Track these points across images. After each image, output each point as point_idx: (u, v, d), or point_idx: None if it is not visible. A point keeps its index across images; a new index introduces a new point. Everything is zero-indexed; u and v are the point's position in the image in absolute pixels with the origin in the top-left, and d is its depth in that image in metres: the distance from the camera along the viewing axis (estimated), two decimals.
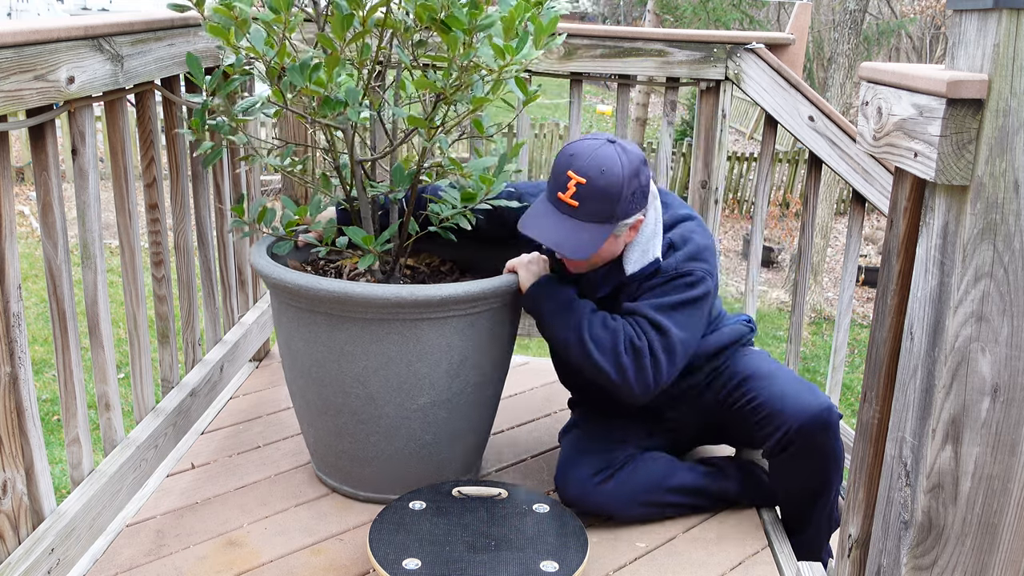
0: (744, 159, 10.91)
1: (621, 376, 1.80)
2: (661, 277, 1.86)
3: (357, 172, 1.95)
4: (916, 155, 1.13)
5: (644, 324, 1.82)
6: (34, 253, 6.66)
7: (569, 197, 1.76)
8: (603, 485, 1.97)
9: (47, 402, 4.37)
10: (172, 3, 1.81)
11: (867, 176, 2.41)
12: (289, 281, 1.81)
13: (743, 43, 2.50)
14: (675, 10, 10.39)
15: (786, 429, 1.86)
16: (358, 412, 1.91)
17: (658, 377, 1.81)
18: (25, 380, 1.47)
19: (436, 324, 1.83)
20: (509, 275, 1.91)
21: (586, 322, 1.83)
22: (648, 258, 1.87)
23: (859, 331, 7.44)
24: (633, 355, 1.80)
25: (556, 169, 1.80)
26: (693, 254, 1.87)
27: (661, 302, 1.83)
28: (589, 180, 1.74)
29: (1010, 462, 1.17)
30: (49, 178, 1.56)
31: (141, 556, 1.83)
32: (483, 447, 2.18)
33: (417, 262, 2.19)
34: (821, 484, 1.94)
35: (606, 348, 1.80)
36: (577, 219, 1.77)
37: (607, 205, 1.76)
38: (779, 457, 1.92)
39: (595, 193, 1.75)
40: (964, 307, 1.12)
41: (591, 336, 1.81)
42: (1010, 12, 1.02)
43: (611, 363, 1.80)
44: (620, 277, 1.90)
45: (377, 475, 2.00)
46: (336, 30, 1.68)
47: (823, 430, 1.85)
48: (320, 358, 1.88)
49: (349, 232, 1.86)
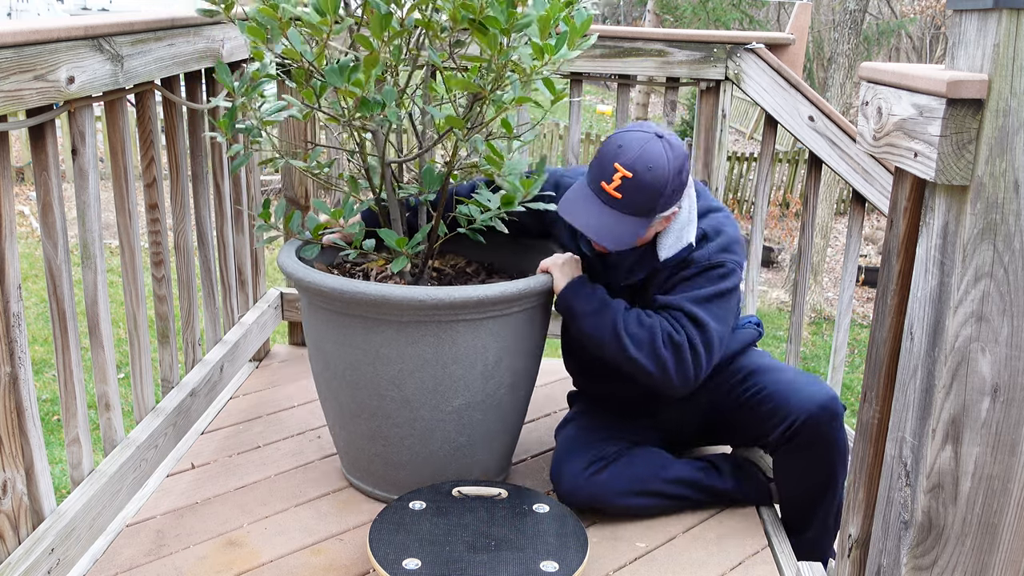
0: (744, 159, 10.91)
1: (661, 371, 1.82)
2: (694, 268, 1.87)
3: (387, 174, 1.95)
4: (916, 155, 1.13)
5: (681, 318, 1.84)
6: (34, 253, 6.67)
7: (613, 189, 1.78)
8: (596, 476, 1.97)
9: (47, 402, 4.37)
10: (201, 8, 1.81)
11: (867, 176, 2.41)
12: (325, 285, 1.80)
13: (743, 43, 2.50)
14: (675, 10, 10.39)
15: (793, 419, 1.86)
16: (392, 415, 1.90)
17: (698, 370, 1.84)
18: (25, 380, 1.48)
19: (471, 326, 1.83)
20: (543, 275, 1.92)
21: (621, 320, 1.84)
22: (682, 244, 1.89)
23: (859, 331, 7.44)
24: (673, 350, 1.82)
25: (602, 158, 1.81)
26: (725, 245, 1.89)
27: (696, 295, 1.85)
28: (636, 175, 1.75)
29: (1010, 462, 1.17)
30: (49, 178, 1.56)
31: (141, 556, 1.83)
32: (514, 447, 2.18)
33: (442, 264, 2.19)
34: (826, 478, 1.94)
35: (644, 344, 1.82)
36: (617, 211, 1.78)
37: (650, 201, 1.78)
38: (784, 448, 1.92)
39: (640, 188, 1.76)
40: (964, 307, 1.12)
41: (628, 333, 1.83)
42: (1010, 12, 1.02)
43: (650, 359, 1.82)
44: (654, 263, 1.91)
45: (411, 478, 1.98)
46: (375, 30, 1.67)
47: (830, 420, 1.86)
48: (354, 361, 1.87)
49: (382, 234, 1.86)
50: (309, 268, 1.88)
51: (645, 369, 1.83)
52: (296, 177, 2.76)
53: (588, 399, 2.23)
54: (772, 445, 1.95)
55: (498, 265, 2.24)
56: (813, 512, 2.01)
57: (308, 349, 2.04)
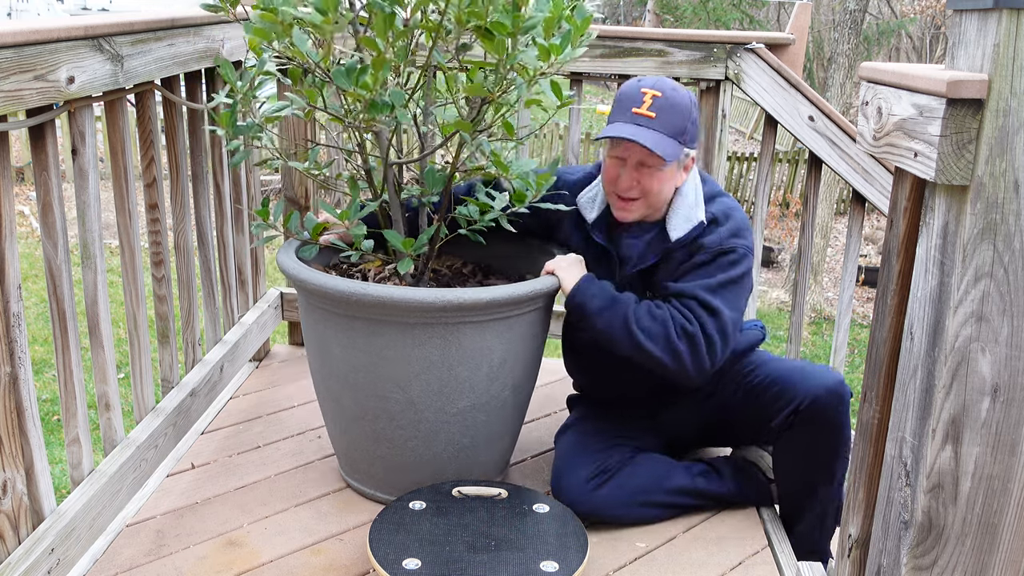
0: (744, 159, 10.91)
1: (677, 362, 1.82)
2: (705, 254, 1.88)
3: (389, 175, 1.95)
4: (916, 155, 1.13)
5: (695, 306, 1.84)
6: (34, 253, 6.66)
7: (646, 110, 1.82)
8: (599, 490, 1.97)
9: (47, 402, 4.37)
10: (205, 3, 1.81)
11: (867, 176, 2.41)
12: (329, 286, 1.79)
13: (743, 43, 2.50)
14: (675, 10, 10.39)
15: (799, 401, 1.87)
16: (396, 417, 1.90)
17: (713, 358, 1.84)
18: (25, 380, 1.47)
19: (477, 327, 1.82)
20: (549, 277, 1.92)
21: (632, 314, 1.84)
22: (692, 223, 1.90)
23: (859, 331, 7.44)
24: (687, 340, 1.82)
25: (626, 93, 1.88)
26: (735, 230, 1.91)
27: (709, 283, 1.86)
28: (664, 93, 1.84)
29: (1010, 462, 1.17)
30: (49, 178, 1.56)
31: (141, 556, 1.83)
32: (514, 447, 2.18)
33: (439, 264, 2.19)
34: (826, 463, 1.93)
35: (658, 337, 1.82)
36: (655, 130, 1.82)
37: (681, 119, 1.84)
38: (787, 434, 1.92)
39: (671, 105, 1.83)
40: (964, 307, 1.12)
41: (640, 327, 1.83)
42: (1010, 12, 1.02)
43: (665, 351, 1.82)
44: (665, 244, 1.92)
45: (413, 480, 1.98)
46: (379, 31, 1.67)
47: (837, 404, 1.86)
48: (358, 363, 1.86)
49: (387, 236, 1.86)
50: (312, 269, 1.88)
51: (660, 361, 1.83)
52: (296, 177, 2.76)
53: (588, 402, 2.23)
54: (775, 431, 1.94)
55: (495, 266, 2.24)
56: (807, 503, 2.00)
57: (307, 351, 2.03)
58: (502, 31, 1.62)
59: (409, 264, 1.85)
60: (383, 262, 2.05)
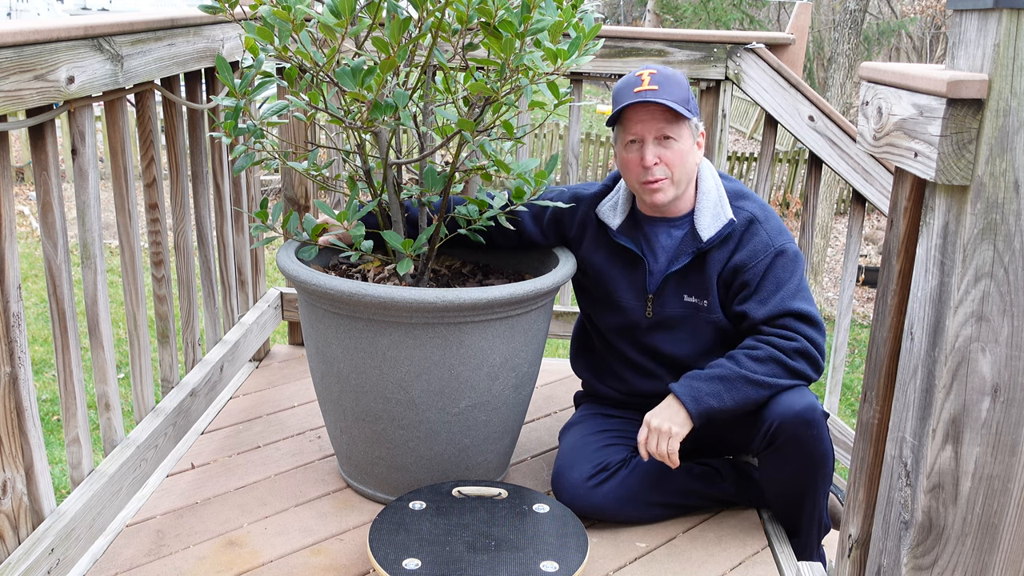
0: (744, 159, 10.91)
1: (803, 379, 1.89)
2: (764, 259, 1.91)
3: (389, 176, 1.94)
4: (916, 155, 1.13)
5: (789, 322, 1.88)
6: (34, 253, 6.66)
7: (647, 85, 1.86)
8: (599, 488, 1.97)
9: (47, 402, 4.37)
10: (204, 5, 1.81)
11: (867, 176, 2.41)
12: (331, 287, 1.78)
13: (743, 43, 2.50)
14: (675, 10, 10.40)
15: (768, 424, 1.87)
16: (398, 418, 1.89)
17: (823, 353, 1.91)
18: (25, 380, 1.47)
19: (478, 327, 1.82)
20: (552, 275, 1.93)
21: (744, 373, 1.86)
22: (721, 221, 1.93)
23: (859, 331, 7.44)
24: (802, 358, 1.87)
25: (624, 80, 1.92)
26: (780, 228, 1.96)
27: (784, 294, 1.90)
28: (659, 70, 1.89)
29: (1010, 462, 1.17)
30: (49, 178, 1.56)
31: (141, 556, 1.83)
32: (514, 447, 2.18)
33: (438, 265, 2.19)
34: (806, 485, 1.94)
35: (780, 374, 1.86)
36: (663, 98, 1.85)
37: (683, 89, 1.88)
38: (764, 454, 1.93)
39: (670, 77, 1.88)
40: (964, 307, 1.12)
41: (762, 378, 1.86)
42: (1010, 12, 1.02)
43: (792, 378, 1.87)
44: (698, 244, 1.94)
45: (413, 480, 1.98)
46: (393, 35, 1.67)
47: (805, 427, 1.85)
48: (360, 364, 1.86)
49: (387, 236, 1.86)
50: (312, 270, 1.88)
51: (794, 386, 1.88)
52: (296, 178, 2.76)
53: (594, 400, 2.22)
54: (755, 451, 1.96)
55: (493, 266, 2.24)
56: (795, 517, 2.01)
57: (307, 351, 2.03)
58: (510, 31, 1.62)
59: (409, 264, 1.84)
60: (382, 262, 2.05)
